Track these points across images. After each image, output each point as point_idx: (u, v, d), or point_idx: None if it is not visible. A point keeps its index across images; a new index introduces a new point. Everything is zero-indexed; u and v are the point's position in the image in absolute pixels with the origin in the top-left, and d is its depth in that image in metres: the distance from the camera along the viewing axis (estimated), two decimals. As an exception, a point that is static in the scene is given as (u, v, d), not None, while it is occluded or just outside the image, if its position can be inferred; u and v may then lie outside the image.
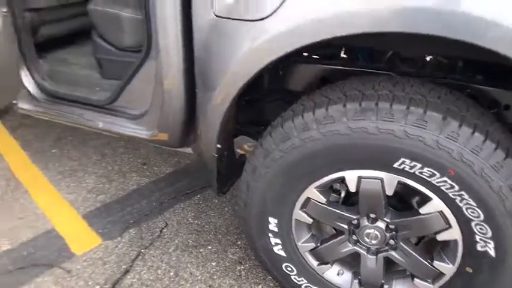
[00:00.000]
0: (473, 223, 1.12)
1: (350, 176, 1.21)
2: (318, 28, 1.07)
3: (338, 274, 1.43)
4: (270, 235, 1.40)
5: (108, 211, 2.09)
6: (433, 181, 1.11)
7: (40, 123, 2.31)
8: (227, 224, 2.01)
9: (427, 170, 1.10)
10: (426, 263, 1.27)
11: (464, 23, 0.94)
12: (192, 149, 1.66)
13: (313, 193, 1.28)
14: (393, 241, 1.29)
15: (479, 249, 1.15)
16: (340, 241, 1.36)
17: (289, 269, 1.45)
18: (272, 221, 1.37)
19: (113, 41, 1.81)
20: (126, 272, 1.74)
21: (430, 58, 1.40)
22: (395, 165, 1.12)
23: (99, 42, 1.86)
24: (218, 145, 1.38)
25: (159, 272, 1.74)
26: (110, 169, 2.42)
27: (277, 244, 1.41)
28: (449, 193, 1.11)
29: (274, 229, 1.38)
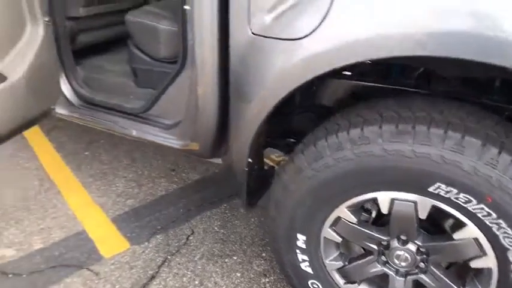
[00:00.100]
0: (510, 252, 1.09)
1: (383, 198, 1.19)
2: (354, 50, 1.07)
3: (365, 294, 1.42)
4: (298, 251, 1.40)
5: (136, 216, 2.13)
6: (469, 207, 1.08)
7: (73, 125, 2.37)
8: (252, 235, 2.02)
9: (463, 196, 1.07)
10: (457, 289, 1.24)
11: (500, 48, 0.91)
12: (223, 160, 1.68)
13: (343, 212, 1.27)
14: (423, 264, 1.27)
15: (515, 279, 1.11)
16: (368, 261, 1.34)
17: (315, 286, 1.44)
18: (300, 238, 1.36)
19: (149, 52, 1.85)
20: (152, 278, 1.77)
21: (466, 77, 1.37)
22: (430, 189, 1.10)
23: (135, 52, 1.90)
24: (249, 159, 1.39)
25: (185, 280, 1.76)
26: (140, 174, 2.47)
27: (304, 261, 1.41)
28: (485, 220, 1.08)
29: (302, 246, 1.38)
